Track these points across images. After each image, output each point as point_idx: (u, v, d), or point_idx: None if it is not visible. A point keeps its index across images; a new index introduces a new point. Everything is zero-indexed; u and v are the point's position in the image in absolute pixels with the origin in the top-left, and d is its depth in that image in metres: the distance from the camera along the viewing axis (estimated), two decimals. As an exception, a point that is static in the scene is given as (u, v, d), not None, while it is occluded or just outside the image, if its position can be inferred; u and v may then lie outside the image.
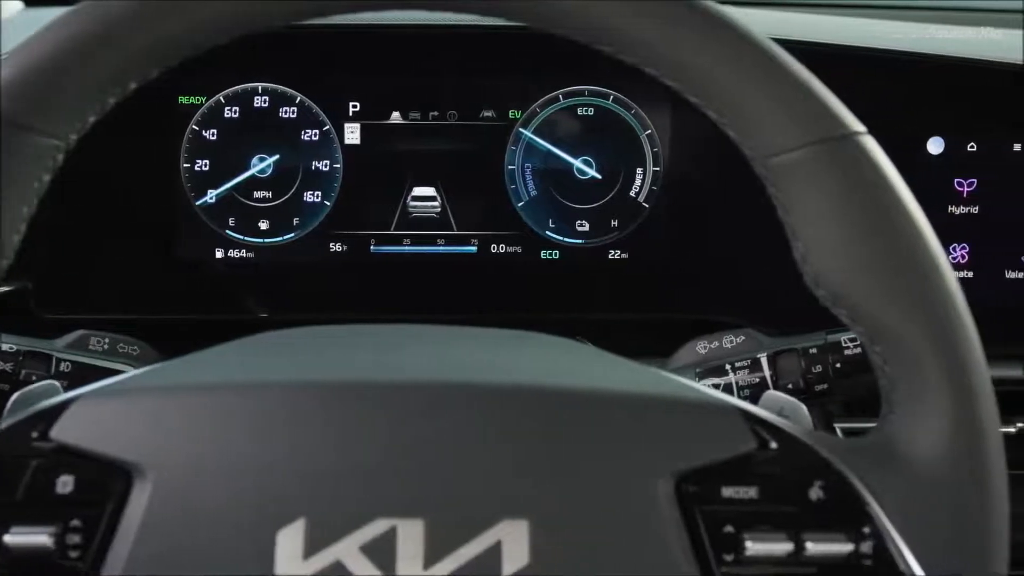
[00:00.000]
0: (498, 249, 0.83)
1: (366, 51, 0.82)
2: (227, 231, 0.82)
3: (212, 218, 0.82)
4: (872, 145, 0.44)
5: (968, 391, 0.43)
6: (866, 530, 0.43)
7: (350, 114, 0.81)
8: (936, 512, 0.42)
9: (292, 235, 0.82)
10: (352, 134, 0.81)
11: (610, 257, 0.84)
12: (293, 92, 0.81)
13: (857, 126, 0.44)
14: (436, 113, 0.82)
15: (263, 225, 0.82)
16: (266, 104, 0.81)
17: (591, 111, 0.83)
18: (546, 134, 0.82)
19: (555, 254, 0.84)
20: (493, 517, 0.41)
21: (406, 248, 0.83)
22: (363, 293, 0.84)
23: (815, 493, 0.44)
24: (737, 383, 0.68)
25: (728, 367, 0.68)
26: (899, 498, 0.43)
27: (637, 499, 0.43)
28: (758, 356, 0.68)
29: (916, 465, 0.43)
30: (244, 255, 0.82)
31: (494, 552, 0.40)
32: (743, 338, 0.71)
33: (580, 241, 0.84)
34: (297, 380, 0.43)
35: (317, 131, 0.81)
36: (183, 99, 0.81)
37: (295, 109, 0.81)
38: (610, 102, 0.83)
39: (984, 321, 0.83)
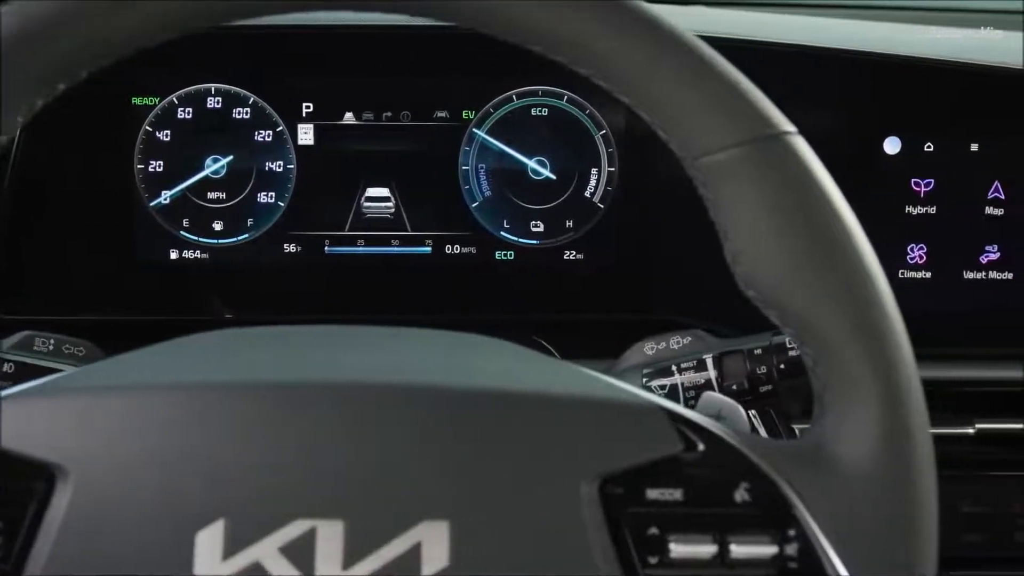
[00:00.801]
0: (452, 250, 0.83)
1: (319, 52, 0.82)
2: (181, 232, 0.82)
3: (166, 219, 0.82)
4: (801, 145, 0.44)
5: (896, 392, 0.43)
6: (791, 532, 0.43)
7: (303, 115, 0.81)
8: (863, 514, 0.42)
9: (246, 236, 0.82)
10: (305, 135, 0.81)
11: (565, 258, 0.84)
12: (246, 93, 0.81)
13: (786, 126, 0.44)
14: (389, 114, 0.82)
15: (217, 226, 0.82)
16: (219, 105, 0.81)
17: (545, 111, 0.82)
18: (500, 134, 0.82)
19: (510, 255, 0.84)
20: (413, 518, 0.41)
21: (360, 249, 0.83)
22: (318, 294, 0.84)
23: (740, 495, 0.44)
24: (683, 384, 0.68)
25: (674, 368, 0.68)
26: (826, 500, 0.43)
27: (560, 501, 0.43)
28: (704, 357, 0.68)
29: (844, 467, 0.43)
30: (198, 256, 0.82)
31: (414, 553, 0.41)
32: (690, 339, 0.71)
33: (535, 242, 0.84)
34: (218, 381, 0.43)
35: (270, 132, 0.81)
36: (136, 100, 0.81)
37: (248, 110, 0.81)
38: (564, 102, 0.83)
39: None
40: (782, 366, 0.67)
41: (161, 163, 0.81)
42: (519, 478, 0.43)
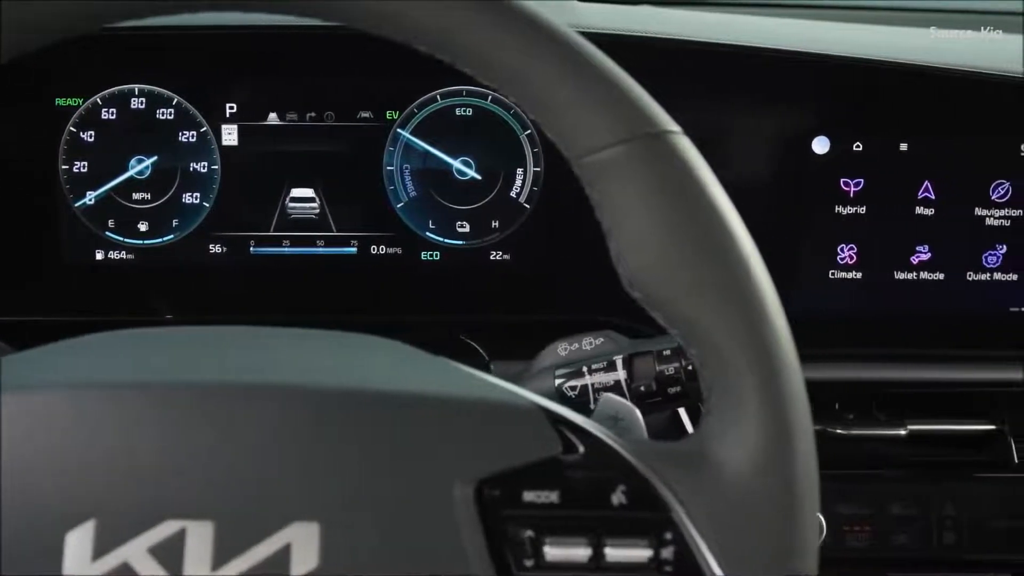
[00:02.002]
0: (378, 250, 0.83)
1: (243, 52, 0.81)
2: (107, 233, 0.82)
3: (91, 220, 0.82)
4: (684, 144, 0.44)
5: (777, 396, 0.42)
6: (668, 536, 0.43)
7: (227, 115, 0.81)
8: (742, 518, 0.42)
9: (172, 236, 0.82)
10: (229, 135, 0.81)
11: (491, 258, 0.84)
12: (170, 94, 0.81)
13: (670, 125, 0.44)
14: (313, 114, 0.82)
15: (142, 227, 0.82)
16: (143, 106, 0.81)
17: (469, 111, 0.82)
18: (424, 135, 0.82)
19: (436, 255, 0.84)
20: (284, 519, 0.41)
21: (286, 249, 0.83)
22: (244, 294, 0.84)
23: (617, 498, 0.44)
24: (593, 385, 0.67)
25: (585, 369, 0.68)
26: (705, 503, 0.43)
27: (434, 503, 0.43)
28: (614, 358, 0.68)
29: (724, 470, 0.42)
30: (124, 256, 0.83)
31: (283, 554, 0.41)
32: (603, 340, 0.70)
33: (461, 242, 0.84)
34: (86, 381, 0.43)
35: (194, 132, 0.81)
36: (60, 101, 0.81)
37: (172, 111, 0.81)
38: (488, 102, 0.82)
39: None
40: (690, 367, 0.66)
41: (86, 164, 0.81)
42: (393, 479, 0.43)
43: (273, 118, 0.81)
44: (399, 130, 0.82)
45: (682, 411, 0.84)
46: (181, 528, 0.40)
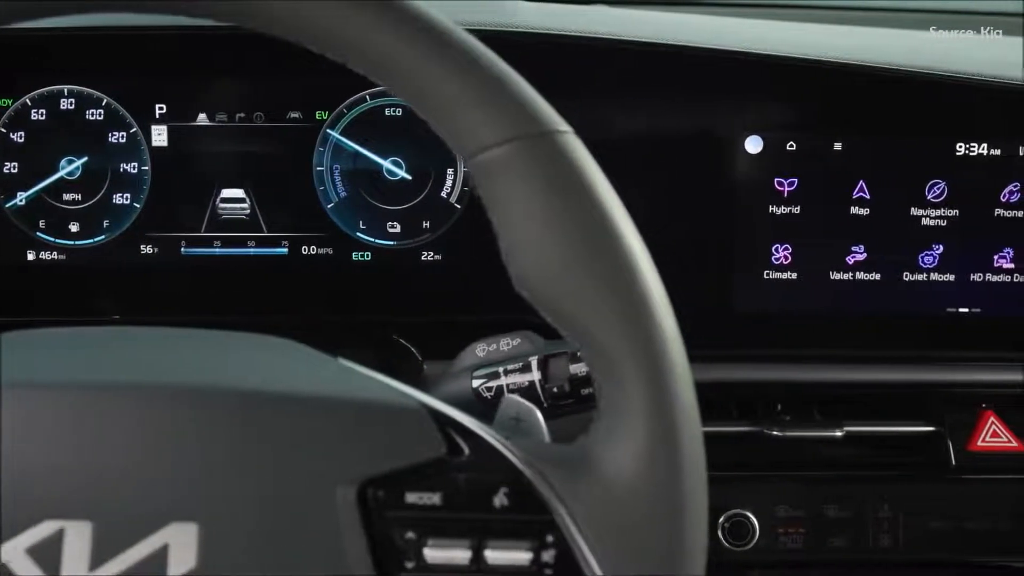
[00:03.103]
0: (309, 250, 0.83)
1: (172, 52, 0.81)
2: (37, 233, 0.82)
3: (22, 220, 0.82)
4: (573, 144, 0.43)
5: (663, 399, 0.42)
6: (549, 539, 0.43)
7: (157, 116, 0.81)
8: (625, 522, 0.42)
9: (103, 237, 0.82)
10: (159, 136, 0.81)
11: (423, 259, 0.84)
12: (99, 94, 0.81)
13: (559, 125, 0.44)
14: (243, 115, 0.81)
15: (73, 227, 0.82)
16: (72, 106, 0.81)
17: (399, 111, 0.82)
18: (354, 135, 0.82)
19: (367, 255, 0.84)
20: (162, 520, 0.42)
21: (217, 250, 0.83)
22: (176, 295, 0.84)
23: (500, 500, 0.44)
24: (508, 386, 0.67)
25: (501, 370, 0.68)
26: (588, 507, 0.43)
27: (316, 504, 0.43)
28: (529, 359, 0.67)
29: (609, 474, 0.42)
30: (55, 257, 0.83)
31: (160, 555, 0.41)
32: (520, 340, 0.70)
33: (392, 243, 0.83)
34: None
35: (124, 133, 0.81)
36: (-11, 102, 0.81)
37: (102, 111, 0.81)
38: (418, 102, 0.82)
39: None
40: None
41: (16, 164, 0.81)
42: (274, 480, 0.43)
43: (203, 119, 0.81)
44: (329, 131, 0.82)
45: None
46: (60, 528, 0.40)
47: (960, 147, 0.82)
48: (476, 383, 0.68)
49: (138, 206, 0.82)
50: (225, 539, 0.42)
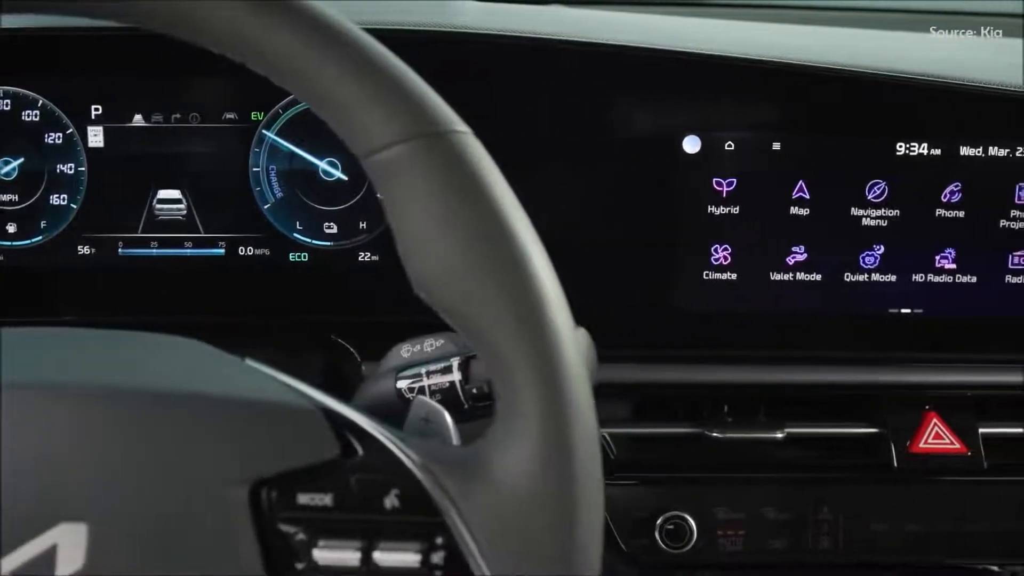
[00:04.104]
0: (246, 251, 0.83)
1: (108, 53, 0.81)
2: (-26, 234, 0.82)
3: (-41, 221, 0.82)
4: (470, 144, 0.43)
5: (556, 401, 0.42)
6: (439, 540, 0.43)
7: (93, 117, 0.81)
8: (516, 524, 0.42)
9: (39, 238, 0.82)
10: (96, 137, 0.81)
11: (360, 259, 0.84)
12: (35, 95, 0.81)
13: (456, 125, 0.44)
14: (178, 116, 0.81)
15: (10, 228, 0.82)
16: (8, 107, 0.81)
17: (335, 112, 0.81)
18: (290, 135, 0.82)
19: (304, 256, 0.83)
20: (51, 520, 0.42)
21: (154, 251, 0.83)
22: (114, 295, 0.84)
23: (391, 502, 0.44)
24: (430, 387, 0.67)
25: (424, 371, 0.68)
26: (479, 508, 0.43)
27: (208, 504, 0.43)
28: (451, 360, 0.67)
29: (502, 477, 0.42)
30: (-7, 258, 0.83)
31: (49, 555, 0.41)
32: (443, 341, 0.70)
33: (329, 243, 0.83)
34: None
35: (60, 134, 0.81)
36: (-75, 103, 0.81)
37: (37, 112, 0.81)
38: (353, 103, 0.82)
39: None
40: None
41: (-48, 166, 0.82)
42: (166, 479, 0.43)
43: (138, 119, 0.81)
44: (264, 131, 0.81)
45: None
46: None
47: (900, 147, 0.81)
48: (399, 384, 0.68)
49: (75, 207, 0.82)
50: (115, 539, 0.43)
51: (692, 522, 0.82)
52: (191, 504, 0.44)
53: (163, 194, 0.82)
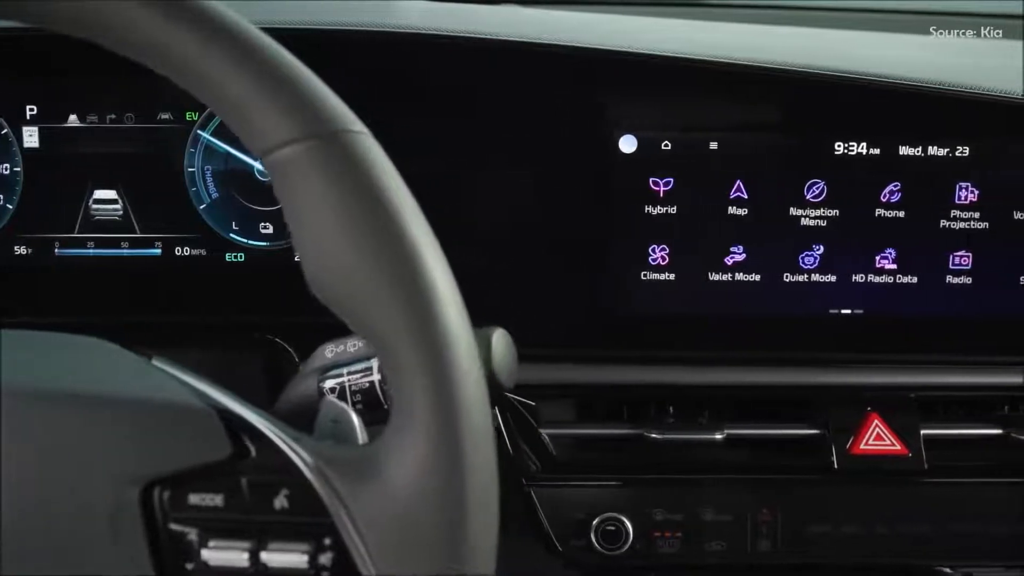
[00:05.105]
0: (182, 252, 0.83)
1: (42, 53, 0.81)
2: (-89, 235, 0.83)
3: None
4: (365, 144, 0.43)
5: (447, 400, 0.42)
6: (327, 541, 0.43)
7: (28, 117, 0.81)
8: (405, 524, 0.42)
9: (-24, 238, 0.83)
10: (31, 137, 0.81)
11: (296, 259, 0.83)
12: (-30, 96, 0.81)
13: (352, 125, 0.43)
14: (114, 116, 0.81)
15: (-53, 228, 0.82)
16: (-57, 108, 0.81)
17: (269, 112, 0.81)
18: (225, 136, 0.81)
19: (240, 256, 0.83)
20: None
21: (90, 251, 0.83)
22: (51, 296, 0.84)
23: (280, 502, 0.44)
24: (351, 387, 0.67)
25: (345, 371, 0.68)
26: (368, 508, 0.43)
27: (99, 504, 0.43)
28: (371, 361, 0.67)
29: (392, 475, 0.42)
30: (-70, 258, 0.83)
31: None
32: (365, 342, 0.70)
33: (264, 243, 0.83)
34: None
35: (-5, 135, 0.81)
36: None
37: (-27, 113, 0.81)
38: (288, 103, 0.81)
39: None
40: None
41: None
42: (58, 479, 0.43)
43: (74, 120, 0.81)
44: (199, 131, 0.81)
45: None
46: None
47: (839, 146, 0.81)
48: (324, 384, 0.68)
49: (11, 207, 0.82)
50: (5, 539, 0.43)
51: (628, 524, 0.82)
52: (82, 504, 0.44)
53: (99, 194, 0.82)
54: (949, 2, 1.11)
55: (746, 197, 0.82)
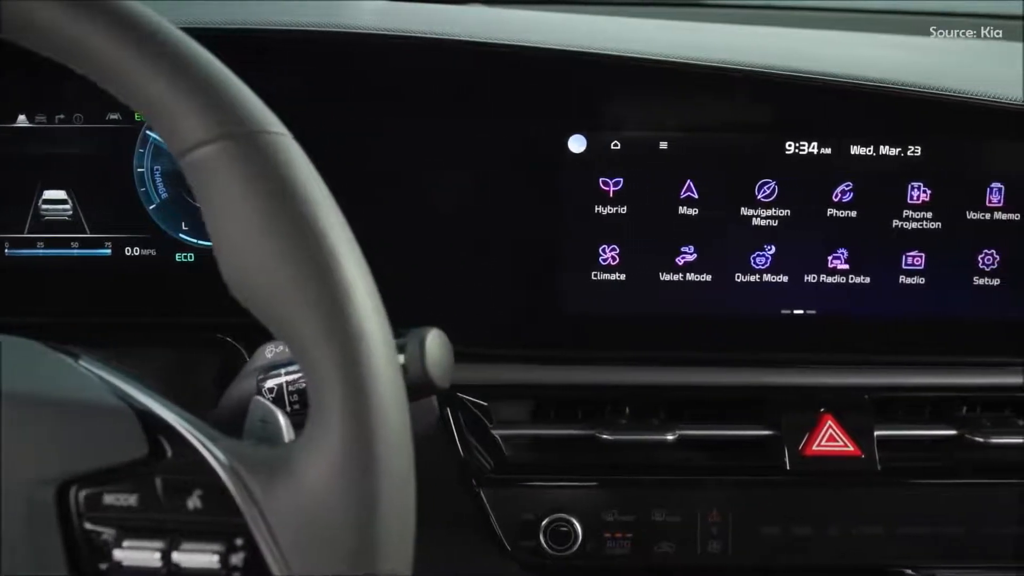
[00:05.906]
0: (132, 252, 0.83)
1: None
2: None
3: None
4: (283, 144, 0.43)
5: (359, 401, 0.42)
6: (239, 542, 0.43)
7: (-24, 118, 0.81)
8: (317, 524, 0.42)
9: (-74, 239, 0.83)
10: (-21, 137, 0.81)
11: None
12: (-82, 96, 0.81)
13: (270, 126, 0.43)
14: (62, 116, 0.81)
15: None
16: None
17: (217, 112, 0.81)
18: (173, 136, 0.81)
19: (190, 256, 0.83)
20: None
21: (40, 251, 0.83)
22: (0, 296, 0.84)
23: (193, 502, 0.44)
24: (287, 388, 0.67)
25: (283, 371, 0.68)
26: (281, 509, 0.43)
27: (12, 503, 0.43)
28: None
29: (305, 476, 0.42)
30: None
31: None
32: None
33: (214, 243, 0.83)
34: None
35: (-56, 135, 0.81)
36: None
37: (-79, 114, 0.81)
38: (236, 103, 0.81)
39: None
40: None
41: None
42: None
43: (22, 120, 0.81)
44: (148, 131, 0.81)
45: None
46: None
47: (790, 146, 0.80)
48: (262, 384, 0.68)
49: (-40, 208, 0.82)
50: None
51: (577, 524, 0.81)
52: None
53: (49, 194, 0.82)
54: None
55: (697, 197, 0.81)
